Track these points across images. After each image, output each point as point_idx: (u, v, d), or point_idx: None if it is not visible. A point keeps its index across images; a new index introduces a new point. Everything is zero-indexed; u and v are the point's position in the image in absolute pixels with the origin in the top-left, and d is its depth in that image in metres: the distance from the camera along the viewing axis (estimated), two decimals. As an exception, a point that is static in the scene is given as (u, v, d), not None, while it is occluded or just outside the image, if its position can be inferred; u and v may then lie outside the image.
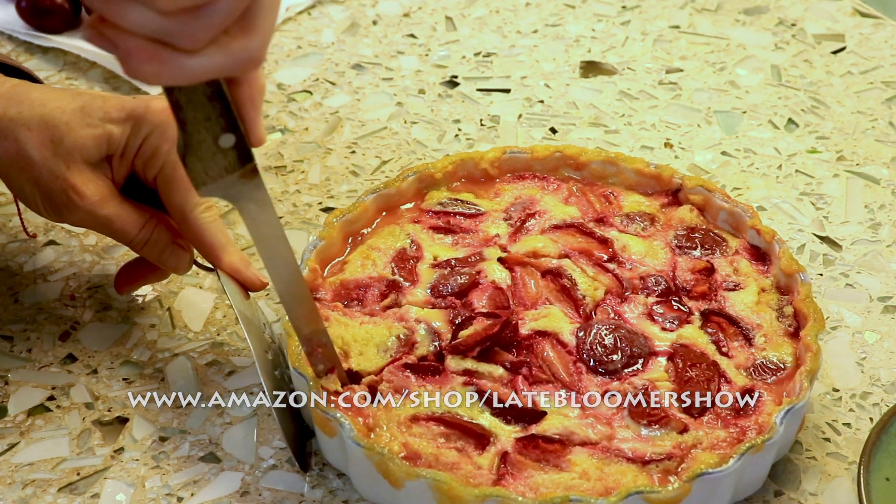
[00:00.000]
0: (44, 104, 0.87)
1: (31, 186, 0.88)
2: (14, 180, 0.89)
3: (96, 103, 0.88)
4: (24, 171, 0.87)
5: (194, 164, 0.70)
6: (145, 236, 0.89)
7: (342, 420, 0.80)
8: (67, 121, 0.87)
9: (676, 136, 1.21)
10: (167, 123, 0.87)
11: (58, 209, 0.88)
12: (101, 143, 0.87)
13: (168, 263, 0.91)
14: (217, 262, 0.90)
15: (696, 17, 1.39)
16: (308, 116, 1.22)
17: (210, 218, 0.89)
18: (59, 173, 0.86)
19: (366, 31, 1.36)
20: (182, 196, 0.88)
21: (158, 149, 0.88)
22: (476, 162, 1.04)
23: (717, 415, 0.84)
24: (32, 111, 0.87)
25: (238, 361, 0.94)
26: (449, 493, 0.77)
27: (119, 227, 0.89)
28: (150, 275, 0.95)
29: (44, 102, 0.87)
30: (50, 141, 0.86)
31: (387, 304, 0.92)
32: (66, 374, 0.93)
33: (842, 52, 1.34)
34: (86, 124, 0.87)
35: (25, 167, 0.87)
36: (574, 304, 0.92)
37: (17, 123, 0.86)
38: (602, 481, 0.80)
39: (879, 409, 0.92)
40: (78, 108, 0.87)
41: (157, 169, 0.88)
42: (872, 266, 1.05)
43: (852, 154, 1.18)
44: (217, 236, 0.90)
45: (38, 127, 0.86)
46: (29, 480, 0.85)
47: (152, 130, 0.87)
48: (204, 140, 0.69)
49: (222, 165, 0.71)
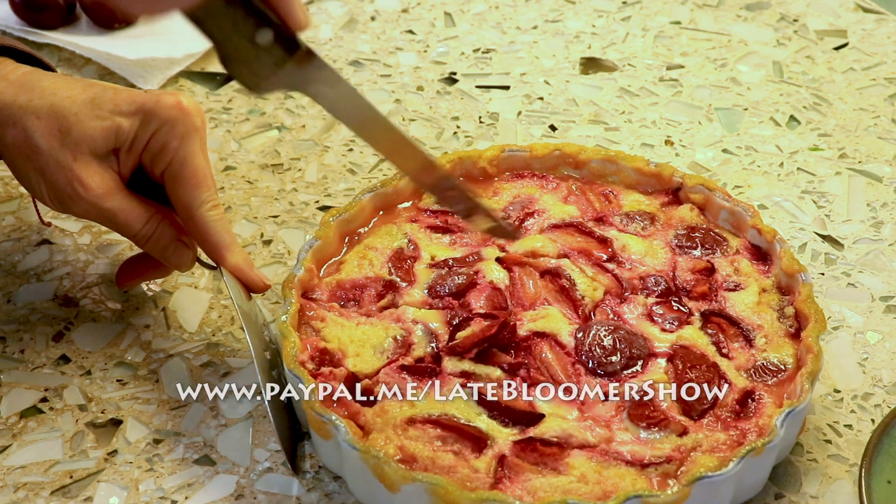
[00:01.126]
0: (54, 93, 0.87)
1: (36, 175, 0.87)
2: (20, 168, 0.88)
3: (107, 95, 0.87)
4: (31, 160, 0.87)
5: (240, 71, 0.67)
6: (149, 231, 0.89)
7: (337, 423, 0.80)
8: (77, 111, 0.86)
9: (677, 133, 1.20)
10: (177, 119, 0.87)
11: (62, 200, 0.88)
12: (109, 136, 0.87)
13: (171, 260, 0.91)
14: (221, 260, 0.90)
15: (698, 12, 1.38)
16: (305, 114, 1.21)
17: (216, 216, 0.89)
18: (65, 164, 0.86)
19: (364, 28, 1.35)
20: (188, 193, 0.88)
21: (167, 144, 0.87)
22: (474, 160, 1.03)
23: (716, 417, 0.83)
24: (42, 100, 0.86)
25: (233, 362, 0.93)
26: (445, 496, 0.76)
27: (123, 221, 0.88)
28: (152, 271, 0.95)
29: (54, 91, 0.87)
30: (58, 131, 0.86)
31: (384, 304, 0.91)
32: (60, 375, 0.92)
33: (844, 49, 1.32)
34: (95, 116, 0.86)
35: (32, 156, 0.86)
36: (573, 305, 0.91)
37: (26, 111, 0.86)
38: (600, 485, 0.79)
39: (881, 410, 0.91)
40: (88, 98, 0.87)
41: (165, 164, 0.88)
42: (874, 265, 1.04)
43: (854, 151, 1.17)
44: (222, 235, 0.89)
45: (47, 116, 0.86)
46: (21, 483, 0.84)
47: (161, 125, 0.87)
48: (239, 45, 0.66)
49: (270, 62, 0.68)
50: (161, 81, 1.23)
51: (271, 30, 0.67)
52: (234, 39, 0.66)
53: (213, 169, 1.03)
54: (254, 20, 0.66)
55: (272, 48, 0.68)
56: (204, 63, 1.27)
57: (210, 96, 1.23)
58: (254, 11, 0.66)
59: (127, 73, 1.23)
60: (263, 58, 0.68)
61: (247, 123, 1.20)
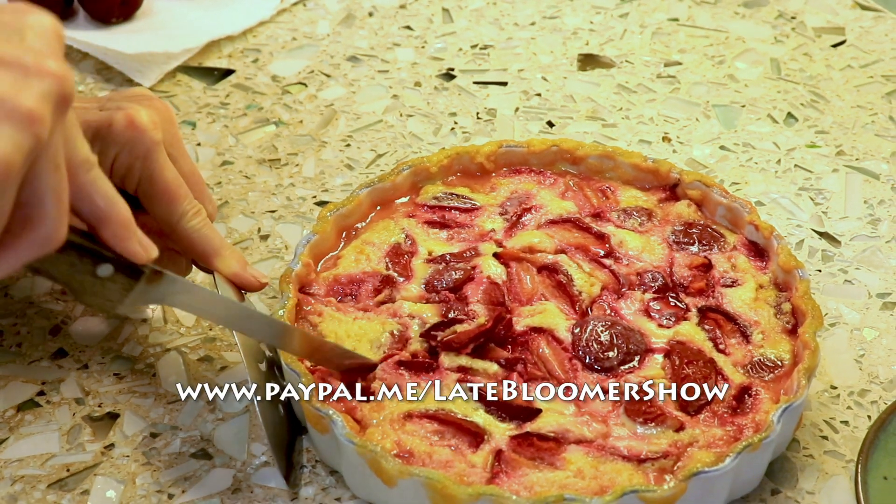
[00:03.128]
0: None
1: None
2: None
3: None
4: None
5: (91, 300, 0.71)
6: None
7: (334, 417, 0.80)
8: None
9: (674, 130, 1.20)
10: (133, 139, 0.84)
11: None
12: None
13: (168, 269, 0.90)
14: (212, 267, 0.88)
15: (695, 9, 1.38)
16: (303, 109, 1.21)
17: (197, 226, 0.87)
18: None
19: (361, 23, 1.35)
20: (164, 209, 0.86)
21: (131, 165, 0.85)
22: (472, 156, 1.03)
23: (713, 413, 0.84)
24: None
25: (230, 357, 0.93)
26: (442, 491, 0.76)
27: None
28: None
29: None
30: None
31: (381, 299, 0.91)
32: (57, 368, 0.92)
33: (842, 46, 1.33)
34: None
35: None
36: (570, 300, 0.91)
37: None
38: (597, 480, 0.79)
39: (878, 406, 0.91)
40: None
41: (135, 184, 0.86)
42: (871, 262, 1.04)
43: (852, 149, 1.17)
44: (208, 242, 0.87)
45: None
46: (18, 477, 0.84)
47: (121, 149, 0.84)
48: (84, 280, 0.70)
49: (118, 289, 0.71)
50: (158, 76, 1.23)
51: (110, 263, 0.71)
52: (77, 277, 0.70)
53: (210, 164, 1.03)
54: (90, 259, 0.70)
55: (116, 277, 0.71)
56: (201, 58, 1.27)
57: (208, 91, 1.23)
58: (88, 251, 0.69)
59: (124, 68, 1.23)
60: (109, 286, 0.71)
61: (244, 118, 1.19)
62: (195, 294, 0.78)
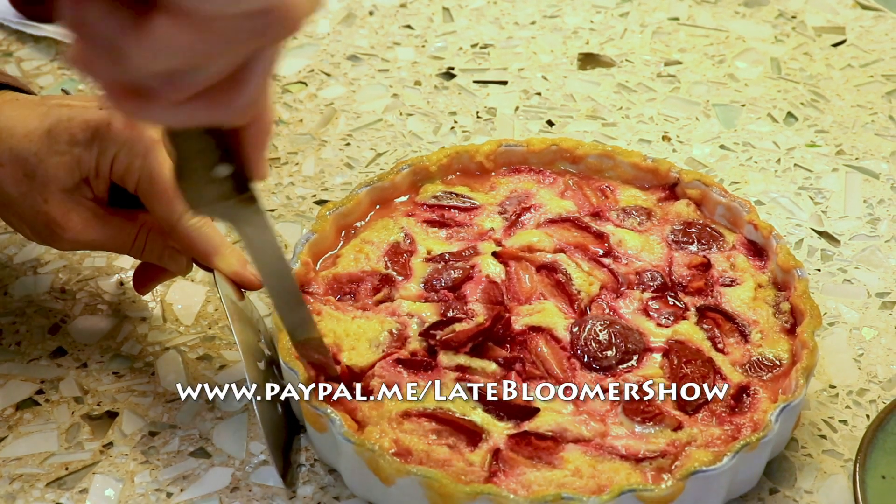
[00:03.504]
0: (11, 134, 0.85)
1: (17, 221, 0.87)
2: (2, 214, 0.88)
3: (62, 125, 0.85)
4: (7, 207, 0.86)
5: (187, 188, 0.70)
6: (139, 247, 0.88)
7: (332, 416, 0.80)
8: (36, 150, 0.85)
9: (674, 129, 1.20)
10: (133, 139, 0.85)
11: (45, 240, 0.88)
12: (72, 169, 0.85)
13: (168, 266, 0.90)
14: (212, 266, 0.88)
15: (696, 8, 1.38)
16: (303, 108, 1.21)
17: (198, 224, 0.87)
18: (38, 208, 0.85)
19: (362, 22, 1.35)
20: (164, 208, 0.86)
21: (130, 165, 0.85)
22: (471, 155, 1.03)
23: (711, 412, 0.84)
24: (1, 144, 0.85)
25: (229, 356, 0.94)
26: (440, 490, 0.76)
27: (111, 247, 0.88)
28: (164, 273, 0.93)
29: (11, 132, 0.85)
30: (24, 175, 0.85)
31: (380, 298, 0.91)
32: (56, 367, 0.92)
33: (842, 45, 1.32)
34: (54, 152, 0.85)
35: (7, 203, 0.86)
36: (569, 300, 0.91)
37: None
38: (595, 479, 0.79)
39: (876, 406, 0.91)
40: (45, 131, 0.85)
41: (135, 183, 0.86)
42: (871, 261, 1.04)
43: (851, 148, 1.17)
44: (208, 241, 0.88)
45: (10, 162, 0.85)
46: (16, 475, 0.84)
47: (120, 148, 0.85)
48: (197, 169, 0.69)
49: (217, 193, 0.70)
50: (159, 75, 1.23)
51: (231, 166, 0.70)
52: (195, 162, 0.69)
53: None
54: (219, 153, 0.69)
55: (224, 182, 0.71)
56: (202, 57, 1.27)
57: (208, 90, 1.23)
58: (223, 145, 0.68)
59: (125, 67, 1.23)
60: (213, 187, 0.71)
61: (244, 117, 1.19)
62: (262, 234, 0.76)
